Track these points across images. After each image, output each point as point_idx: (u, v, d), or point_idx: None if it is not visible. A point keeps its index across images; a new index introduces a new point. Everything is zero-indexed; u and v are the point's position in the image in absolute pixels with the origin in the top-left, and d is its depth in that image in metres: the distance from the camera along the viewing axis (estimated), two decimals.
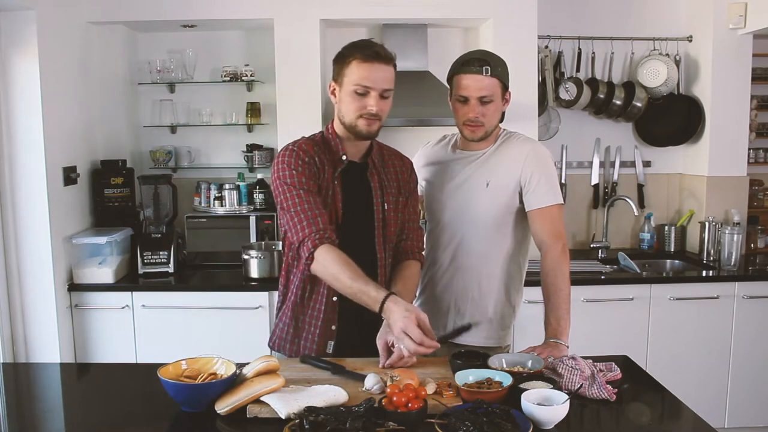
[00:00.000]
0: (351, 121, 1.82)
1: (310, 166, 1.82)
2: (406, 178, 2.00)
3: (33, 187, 2.91)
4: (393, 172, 1.97)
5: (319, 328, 1.89)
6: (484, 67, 1.96)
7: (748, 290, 3.27)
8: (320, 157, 1.85)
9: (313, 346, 1.90)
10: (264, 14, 3.33)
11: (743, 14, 3.46)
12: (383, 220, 1.92)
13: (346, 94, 1.80)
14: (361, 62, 1.77)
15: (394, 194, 1.95)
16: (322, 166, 1.84)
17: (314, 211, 1.77)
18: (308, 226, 1.76)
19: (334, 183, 1.85)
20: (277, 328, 1.98)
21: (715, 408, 3.31)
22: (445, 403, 1.54)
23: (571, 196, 3.83)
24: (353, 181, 1.89)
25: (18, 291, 2.97)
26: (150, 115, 3.70)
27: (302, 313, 1.92)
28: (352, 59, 1.78)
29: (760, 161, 3.91)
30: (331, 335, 1.90)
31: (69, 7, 3.16)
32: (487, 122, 2.01)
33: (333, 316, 1.89)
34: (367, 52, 1.77)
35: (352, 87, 1.78)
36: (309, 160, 1.82)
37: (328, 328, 1.90)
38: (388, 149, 2.03)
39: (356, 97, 1.78)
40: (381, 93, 1.79)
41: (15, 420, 1.64)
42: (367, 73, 1.76)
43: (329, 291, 1.86)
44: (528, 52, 3.39)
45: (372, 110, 1.79)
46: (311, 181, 1.81)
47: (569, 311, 1.95)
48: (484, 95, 1.98)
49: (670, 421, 1.70)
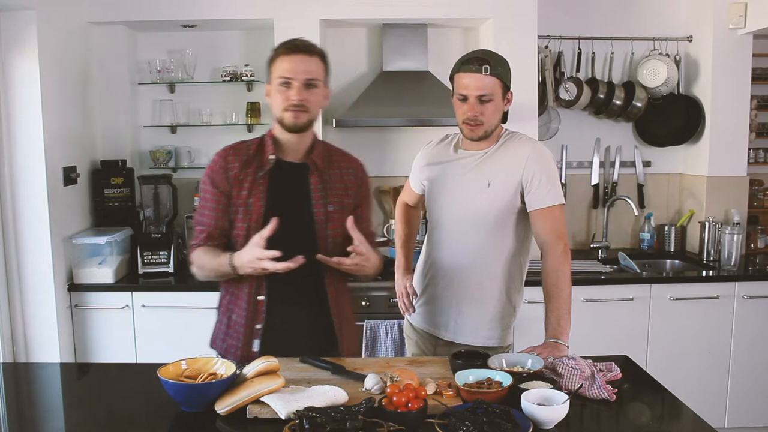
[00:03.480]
0: (279, 115, 1.85)
1: (219, 173, 1.88)
2: (352, 180, 1.99)
3: (33, 187, 2.91)
4: (338, 174, 1.97)
5: (243, 327, 1.91)
6: (484, 66, 1.97)
7: (748, 290, 3.27)
8: (242, 159, 1.89)
9: (239, 344, 1.91)
10: (264, 14, 3.33)
11: (743, 14, 3.46)
12: (326, 221, 1.91)
13: (273, 90, 1.85)
14: (283, 56, 1.83)
15: (339, 195, 1.94)
16: (242, 168, 1.88)
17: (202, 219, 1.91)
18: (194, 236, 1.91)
19: (257, 182, 1.87)
20: (216, 326, 2.01)
21: (715, 408, 3.31)
22: (445, 403, 1.54)
23: (571, 196, 3.83)
24: (288, 181, 1.91)
25: (18, 291, 2.97)
26: (150, 115, 3.70)
27: (233, 312, 1.94)
28: (276, 55, 1.84)
29: (760, 161, 3.91)
30: (256, 334, 1.90)
31: (69, 7, 3.16)
32: (487, 121, 2.01)
33: (258, 315, 1.90)
34: (289, 45, 1.83)
35: (277, 81, 1.83)
36: (223, 165, 1.89)
37: (253, 327, 1.90)
38: (338, 152, 2.03)
39: (281, 90, 1.82)
40: (304, 83, 1.81)
41: (15, 420, 1.64)
42: (288, 65, 1.81)
43: (253, 290, 1.89)
44: (528, 52, 3.39)
45: (294, 100, 1.80)
46: (216, 189, 1.88)
47: (570, 311, 1.95)
48: (483, 94, 1.98)
49: (670, 421, 1.70)
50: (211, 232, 1.89)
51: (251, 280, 1.88)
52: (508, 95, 2.05)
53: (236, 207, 1.88)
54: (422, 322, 2.25)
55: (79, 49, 3.28)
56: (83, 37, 3.32)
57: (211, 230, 1.89)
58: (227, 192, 1.88)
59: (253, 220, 1.86)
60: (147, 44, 3.66)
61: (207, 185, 1.89)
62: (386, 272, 3.20)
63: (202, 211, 1.91)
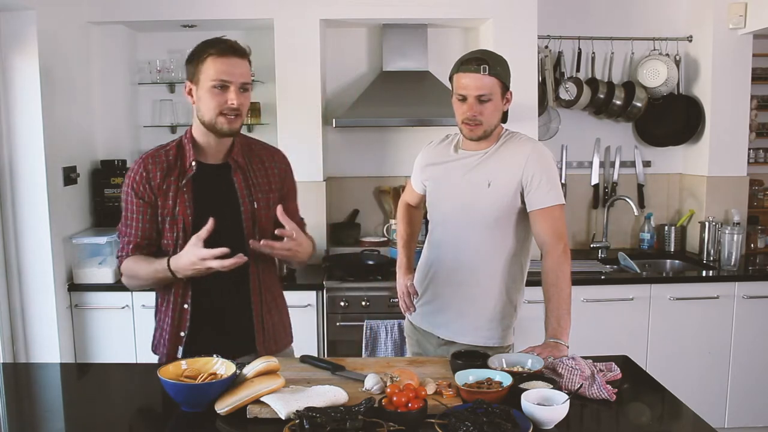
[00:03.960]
0: (211, 119, 1.78)
1: (141, 184, 1.83)
2: (275, 172, 1.96)
3: (33, 187, 2.91)
4: (261, 168, 1.94)
5: (169, 333, 1.90)
6: (482, 66, 1.97)
7: (748, 290, 3.27)
8: (163, 167, 1.84)
9: (165, 351, 1.91)
10: (264, 14, 3.33)
11: (743, 14, 3.46)
12: (253, 219, 1.89)
13: (204, 91, 1.76)
14: (216, 57, 1.74)
15: (264, 191, 1.91)
16: (164, 176, 1.83)
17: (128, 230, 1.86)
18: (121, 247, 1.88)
19: (181, 191, 1.83)
20: (154, 333, 1.99)
21: (715, 408, 3.31)
22: (445, 403, 1.54)
23: (571, 196, 3.83)
24: (213, 184, 1.87)
25: (18, 291, 2.96)
26: (150, 115, 3.70)
27: (165, 320, 1.93)
28: (207, 56, 1.75)
29: (760, 161, 3.91)
30: (180, 341, 1.89)
31: (69, 7, 3.16)
32: (486, 121, 2.01)
33: (182, 323, 1.88)
34: (222, 46, 1.75)
35: (210, 83, 1.74)
36: (144, 175, 1.83)
37: (177, 335, 1.89)
38: (258, 145, 1.99)
39: (215, 92, 1.75)
40: (239, 87, 1.77)
41: (15, 420, 1.64)
42: (224, 67, 1.74)
43: (178, 298, 1.87)
44: (528, 52, 3.39)
45: (233, 104, 1.75)
46: (140, 199, 1.83)
47: (570, 311, 1.95)
48: (482, 94, 1.98)
49: (670, 421, 1.70)
50: (139, 243, 1.85)
51: (177, 289, 1.86)
52: (508, 95, 2.05)
53: (163, 217, 1.84)
54: (423, 321, 2.25)
55: (79, 49, 3.28)
56: (83, 37, 3.32)
57: (138, 241, 1.85)
58: (152, 202, 1.83)
59: (181, 228, 1.83)
60: (147, 44, 3.66)
61: (130, 196, 1.84)
62: (387, 272, 3.24)
63: (128, 222, 1.85)
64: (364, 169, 3.79)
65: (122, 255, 1.88)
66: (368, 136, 3.76)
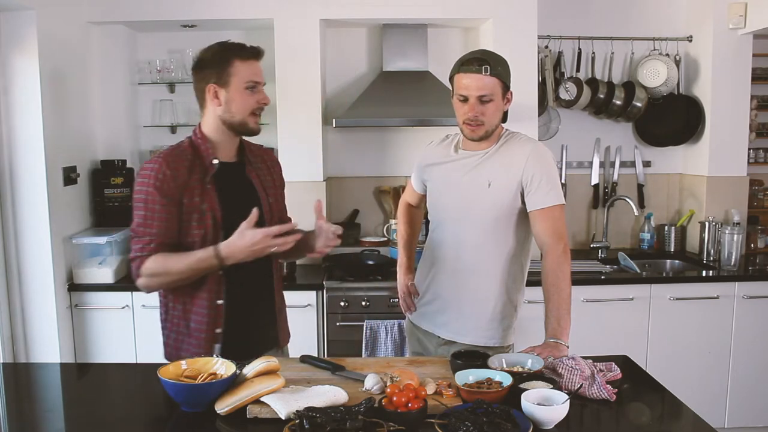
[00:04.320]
0: (243, 119, 1.87)
1: (168, 182, 1.82)
2: (277, 170, 2.10)
3: (33, 187, 2.91)
4: (265, 166, 2.05)
5: (204, 332, 1.89)
6: (484, 67, 1.97)
7: (748, 290, 3.27)
8: (185, 166, 1.86)
9: (200, 351, 1.88)
10: (264, 14, 3.33)
11: (743, 14, 3.46)
12: (270, 213, 1.98)
13: (237, 92, 1.84)
14: (244, 60, 1.85)
15: (272, 187, 2.03)
16: (188, 175, 1.85)
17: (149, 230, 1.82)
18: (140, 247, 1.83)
19: (206, 187, 1.87)
20: (169, 339, 1.96)
21: (715, 408, 3.31)
22: (445, 403, 1.54)
23: (571, 196, 3.83)
24: (231, 180, 1.93)
25: (18, 291, 2.97)
26: (150, 115, 3.70)
27: (190, 320, 1.91)
28: (234, 59, 1.84)
29: (760, 161, 3.91)
30: (217, 338, 1.90)
31: (69, 7, 3.16)
32: (487, 121, 2.01)
33: (218, 319, 1.89)
34: (248, 50, 1.87)
35: (244, 84, 1.84)
36: (170, 174, 1.83)
37: (212, 332, 1.89)
38: (254, 146, 2.08)
39: (247, 93, 1.85)
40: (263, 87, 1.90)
41: (15, 420, 1.65)
42: (254, 69, 1.87)
43: (212, 294, 1.88)
44: (528, 52, 3.39)
45: (266, 102, 1.89)
46: (166, 198, 1.82)
47: (570, 311, 1.95)
48: (483, 94, 1.98)
49: (670, 421, 1.70)
50: (163, 241, 1.83)
51: (211, 285, 1.87)
52: (508, 95, 2.05)
53: (188, 214, 1.84)
54: (424, 321, 2.25)
55: (79, 49, 3.28)
56: (83, 37, 3.32)
57: (162, 239, 1.82)
58: (177, 200, 1.83)
59: (211, 225, 1.85)
60: (147, 44, 3.66)
61: (152, 196, 1.81)
62: (387, 272, 3.24)
63: (148, 222, 1.82)
64: (364, 169, 3.79)
65: (142, 255, 1.82)
66: (368, 136, 3.76)
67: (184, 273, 1.81)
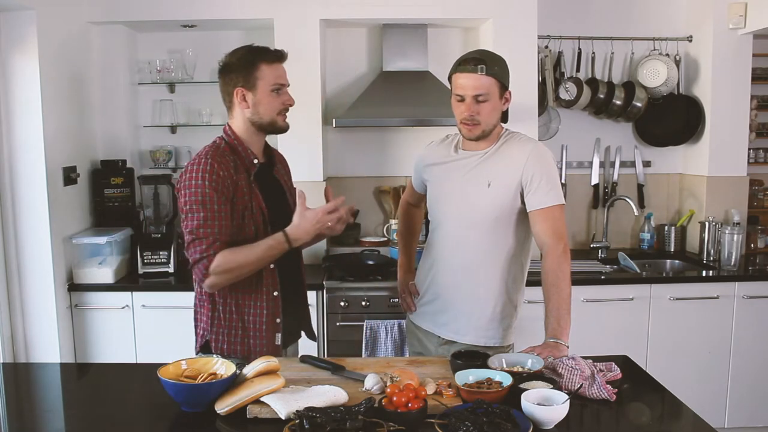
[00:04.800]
0: (272, 119, 1.96)
1: (223, 181, 1.88)
2: (288, 171, 2.22)
3: (33, 187, 2.91)
4: (282, 167, 2.17)
5: (266, 323, 1.98)
6: (480, 66, 1.98)
7: (748, 290, 3.27)
8: (231, 165, 1.92)
9: (263, 342, 1.98)
10: (264, 14, 3.33)
11: (743, 14, 3.46)
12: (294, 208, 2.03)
13: (264, 94, 1.93)
14: (270, 64, 1.93)
15: (290, 185, 2.16)
16: (235, 173, 1.92)
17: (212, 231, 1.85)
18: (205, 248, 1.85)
19: (251, 186, 1.95)
20: (219, 335, 1.99)
21: (715, 408, 3.31)
22: (445, 403, 1.54)
23: (571, 196, 3.83)
24: (266, 180, 2.03)
25: (18, 291, 2.96)
26: (150, 115, 3.70)
27: (248, 314, 1.98)
28: (260, 62, 1.92)
29: (760, 161, 3.91)
30: (278, 328, 2.01)
31: (69, 7, 3.16)
32: (484, 121, 2.02)
33: (276, 310, 2.00)
34: (273, 53, 1.95)
35: (270, 87, 1.93)
36: (223, 174, 1.88)
37: (274, 322, 2.00)
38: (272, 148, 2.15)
39: (274, 95, 1.94)
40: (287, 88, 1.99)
41: (15, 420, 1.65)
42: (279, 72, 1.95)
43: (269, 287, 1.98)
44: (528, 52, 3.39)
45: (292, 103, 1.98)
46: (223, 197, 1.87)
47: (570, 311, 1.95)
48: (479, 94, 1.98)
49: (670, 421, 1.70)
50: (225, 239, 1.87)
51: (267, 279, 1.97)
52: (506, 95, 2.05)
53: (240, 212, 1.92)
54: (424, 321, 2.25)
55: (79, 49, 3.28)
56: (83, 37, 3.32)
57: (225, 237, 1.87)
58: (231, 198, 1.90)
59: (261, 221, 1.94)
60: (147, 44, 3.66)
61: (209, 196, 1.85)
62: (387, 272, 3.24)
63: (210, 223, 1.85)
64: (364, 169, 3.79)
65: (209, 254, 1.84)
66: (368, 136, 3.76)
67: (254, 264, 1.89)
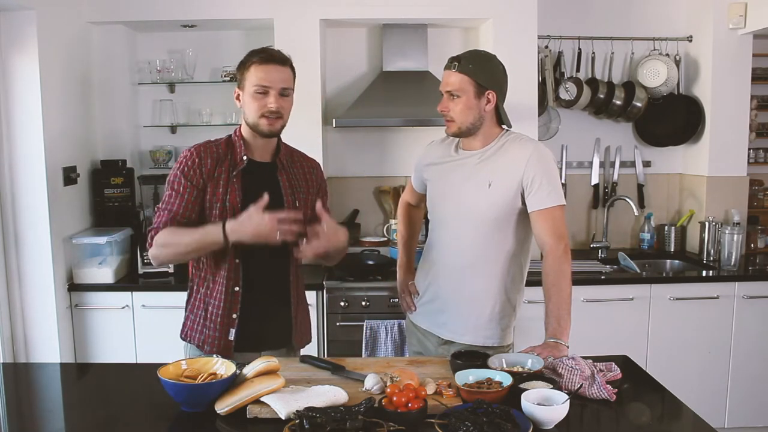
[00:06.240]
0: (254, 121, 1.94)
1: (193, 168, 1.94)
2: (313, 178, 2.15)
3: (33, 187, 2.91)
4: (301, 173, 2.11)
5: (220, 316, 1.98)
6: (453, 63, 2.03)
7: (748, 290, 3.27)
8: (214, 158, 1.97)
9: (216, 334, 1.99)
10: (264, 14, 3.33)
11: (743, 14, 3.47)
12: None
13: (248, 96, 1.93)
14: (258, 65, 1.91)
15: (303, 193, 2.08)
16: (215, 166, 1.96)
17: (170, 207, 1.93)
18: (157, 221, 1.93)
19: (231, 181, 1.96)
20: (188, 320, 2.07)
21: (715, 408, 3.31)
22: (445, 403, 1.54)
23: (571, 196, 3.83)
24: (260, 179, 2.00)
25: (18, 291, 2.97)
26: (150, 115, 3.70)
27: (209, 304, 2.01)
28: (250, 64, 1.92)
29: (760, 161, 3.91)
30: (233, 323, 1.99)
31: (69, 7, 3.16)
32: (457, 118, 2.03)
33: (234, 305, 1.98)
34: (263, 55, 1.93)
35: (253, 88, 1.91)
36: (197, 161, 1.94)
37: (229, 316, 1.98)
38: (297, 152, 2.16)
39: (257, 97, 1.92)
40: (279, 91, 1.92)
41: (15, 420, 1.65)
42: (265, 74, 1.91)
43: (230, 282, 1.97)
44: (528, 52, 3.39)
45: (272, 107, 1.91)
46: (189, 182, 1.93)
47: (570, 312, 1.95)
48: (449, 90, 2.03)
49: (670, 421, 1.70)
50: (177, 218, 1.92)
51: (229, 272, 1.97)
52: (489, 95, 2.03)
53: (212, 203, 1.95)
54: (423, 320, 2.25)
55: (79, 49, 3.28)
56: (83, 37, 3.32)
57: (177, 216, 1.92)
58: (201, 186, 1.94)
59: (230, 215, 1.93)
60: (147, 44, 3.66)
61: (178, 178, 1.94)
62: (387, 272, 3.24)
63: (171, 201, 1.94)
64: (364, 169, 3.79)
65: (157, 227, 1.92)
66: (368, 136, 3.76)
67: (190, 245, 1.89)
